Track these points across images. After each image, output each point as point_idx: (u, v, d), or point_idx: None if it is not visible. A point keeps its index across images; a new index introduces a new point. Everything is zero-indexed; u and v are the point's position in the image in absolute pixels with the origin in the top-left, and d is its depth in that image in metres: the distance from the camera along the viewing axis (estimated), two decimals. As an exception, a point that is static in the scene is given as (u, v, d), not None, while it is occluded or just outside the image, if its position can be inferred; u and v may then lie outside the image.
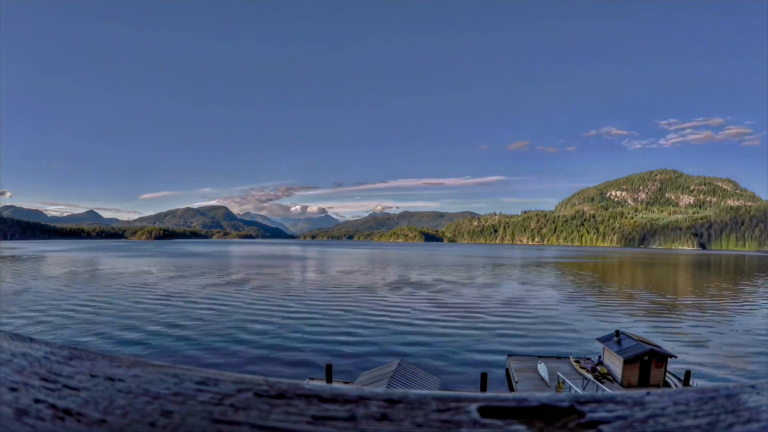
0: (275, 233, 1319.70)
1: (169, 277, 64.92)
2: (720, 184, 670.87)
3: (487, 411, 0.33)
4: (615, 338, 20.44)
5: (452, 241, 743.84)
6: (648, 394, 0.36)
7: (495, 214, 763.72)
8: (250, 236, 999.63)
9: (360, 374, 17.75)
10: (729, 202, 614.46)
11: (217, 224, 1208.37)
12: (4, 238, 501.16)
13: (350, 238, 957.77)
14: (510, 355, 22.70)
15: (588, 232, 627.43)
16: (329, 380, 17.19)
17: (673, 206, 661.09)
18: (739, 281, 76.63)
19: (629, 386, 18.62)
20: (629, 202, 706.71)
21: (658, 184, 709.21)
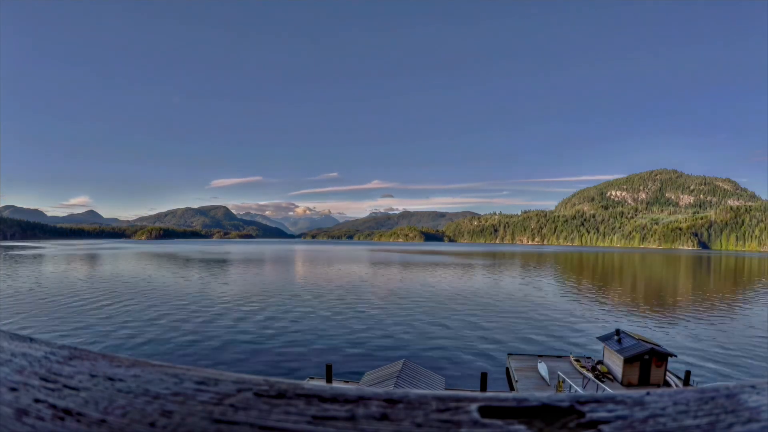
0: (275, 233, 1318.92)
1: (167, 276, 64.93)
2: (720, 184, 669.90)
3: (487, 411, 0.33)
4: (615, 337, 20.46)
5: (452, 240, 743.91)
6: (648, 393, 0.37)
7: (495, 214, 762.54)
8: (249, 236, 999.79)
9: (364, 374, 17.73)
10: (729, 202, 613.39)
11: (217, 224, 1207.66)
12: (4, 238, 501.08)
13: (350, 237, 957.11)
14: (510, 354, 22.73)
15: (588, 232, 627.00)
16: (329, 380, 17.21)
17: (673, 206, 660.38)
18: (738, 281, 76.62)
19: (629, 385, 18.64)
20: (629, 202, 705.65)
21: (658, 184, 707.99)
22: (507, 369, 21.23)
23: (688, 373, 17.77)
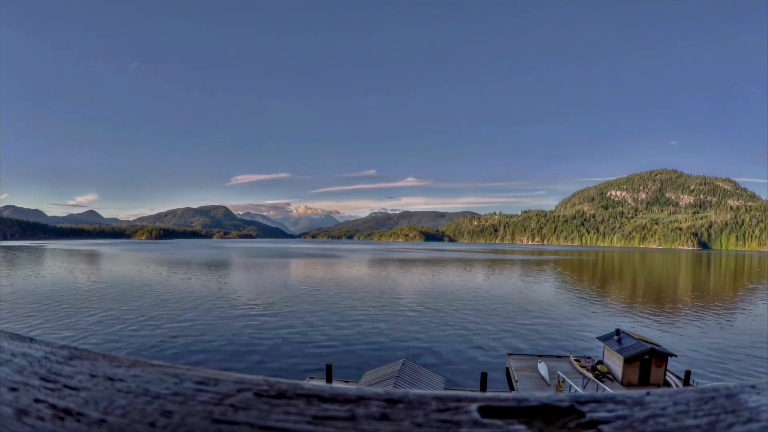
0: (275, 233, 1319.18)
1: (166, 276, 64.92)
2: (720, 184, 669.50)
3: (487, 411, 0.33)
4: (615, 337, 20.45)
5: (452, 240, 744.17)
6: (648, 393, 0.37)
7: (495, 214, 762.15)
8: (249, 236, 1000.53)
9: (364, 374, 17.72)
10: (729, 202, 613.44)
11: (217, 224, 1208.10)
12: (4, 238, 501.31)
13: (350, 237, 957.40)
14: (510, 354, 22.72)
15: (588, 232, 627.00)
16: (329, 380, 17.19)
17: (673, 206, 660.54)
18: (739, 281, 76.61)
19: (629, 385, 18.63)
20: (629, 201, 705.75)
21: (658, 184, 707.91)
22: (507, 369, 21.22)
23: (688, 373, 17.75)
